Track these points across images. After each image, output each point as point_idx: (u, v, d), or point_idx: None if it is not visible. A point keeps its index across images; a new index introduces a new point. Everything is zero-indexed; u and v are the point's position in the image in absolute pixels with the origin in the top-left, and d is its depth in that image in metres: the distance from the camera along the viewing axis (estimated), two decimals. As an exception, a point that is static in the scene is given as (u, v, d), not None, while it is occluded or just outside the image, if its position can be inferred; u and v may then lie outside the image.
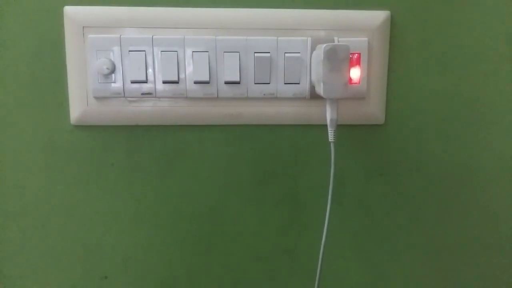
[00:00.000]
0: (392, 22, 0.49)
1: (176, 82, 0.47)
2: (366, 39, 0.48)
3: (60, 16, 0.47)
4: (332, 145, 0.44)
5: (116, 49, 0.46)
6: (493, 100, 0.52)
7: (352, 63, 0.48)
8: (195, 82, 0.47)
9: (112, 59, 0.46)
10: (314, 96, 0.48)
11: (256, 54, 0.47)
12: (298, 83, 0.48)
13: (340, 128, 0.50)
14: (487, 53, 0.51)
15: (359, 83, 0.49)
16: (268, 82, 0.48)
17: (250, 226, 0.53)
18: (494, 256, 0.55)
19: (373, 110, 0.50)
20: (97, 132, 0.50)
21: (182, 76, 0.47)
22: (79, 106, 0.48)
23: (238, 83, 0.48)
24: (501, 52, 0.51)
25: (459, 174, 0.53)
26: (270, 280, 0.54)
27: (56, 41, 0.47)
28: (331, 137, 0.44)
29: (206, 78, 0.47)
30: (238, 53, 0.47)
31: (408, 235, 0.54)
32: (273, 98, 0.49)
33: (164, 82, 0.47)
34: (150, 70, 0.47)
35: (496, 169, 0.53)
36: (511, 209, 0.54)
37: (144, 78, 0.47)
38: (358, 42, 0.48)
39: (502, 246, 0.55)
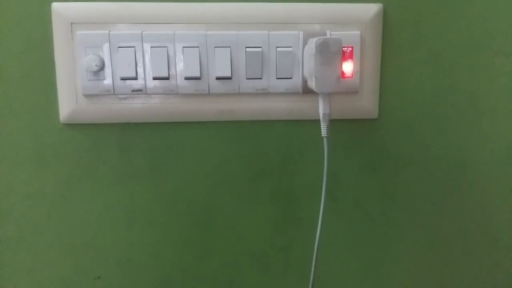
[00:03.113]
0: (385, 15, 0.49)
1: (167, 78, 0.47)
2: (358, 32, 0.48)
3: (48, 13, 0.46)
4: (325, 140, 0.44)
5: (105, 45, 0.46)
6: (486, 94, 0.51)
7: (344, 56, 0.47)
8: (186, 78, 0.47)
9: (101, 56, 0.46)
10: (306, 90, 0.48)
11: (247, 49, 0.47)
12: (291, 78, 0.48)
13: (333, 122, 0.50)
14: (480, 46, 0.50)
15: (352, 77, 0.48)
16: (260, 77, 0.47)
17: (244, 223, 0.52)
18: (490, 251, 0.55)
19: (366, 104, 0.50)
20: (87, 130, 0.49)
21: (172, 72, 0.47)
22: (69, 104, 0.47)
23: (229, 78, 0.47)
24: (495, 46, 0.50)
25: (453, 168, 0.53)
26: (265, 277, 0.54)
27: (44, 38, 0.47)
28: (324, 132, 0.44)
29: (197, 74, 0.46)
30: (229, 48, 0.46)
31: (403, 229, 0.54)
32: (265, 93, 0.48)
33: (155, 79, 0.46)
34: (140, 67, 0.46)
35: (490, 163, 0.53)
36: (505, 203, 0.54)
37: (134, 75, 0.46)
38: (350, 35, 0.47)
39: (497, 241, 0.55)
